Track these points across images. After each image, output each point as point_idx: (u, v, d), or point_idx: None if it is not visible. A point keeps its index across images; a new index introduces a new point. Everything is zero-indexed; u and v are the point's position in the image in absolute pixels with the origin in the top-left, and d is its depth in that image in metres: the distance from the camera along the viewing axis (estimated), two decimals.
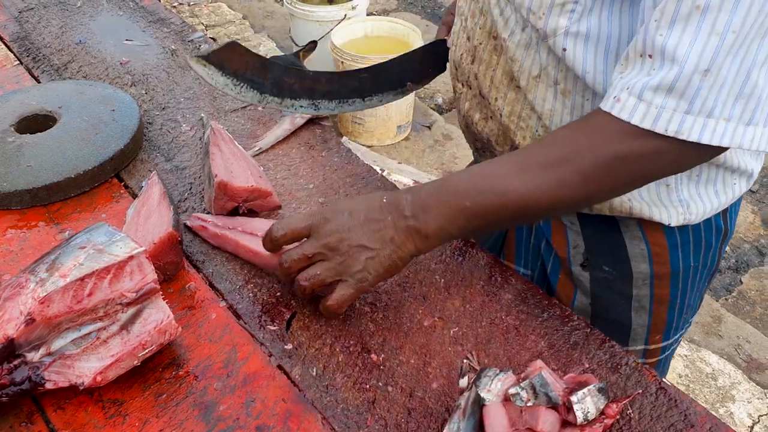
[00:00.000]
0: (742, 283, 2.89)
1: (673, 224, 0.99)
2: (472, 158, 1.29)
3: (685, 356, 2.34)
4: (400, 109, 3.35)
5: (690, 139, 0.78)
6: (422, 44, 1.16)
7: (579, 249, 1.04)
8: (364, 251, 0.85)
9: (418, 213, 0.86)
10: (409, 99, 3.39)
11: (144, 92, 1.41)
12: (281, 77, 1.04)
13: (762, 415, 2.19)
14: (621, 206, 0.98)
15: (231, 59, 1.00)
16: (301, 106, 1.04)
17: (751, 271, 2.92)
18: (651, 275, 1.03)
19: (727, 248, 3.01)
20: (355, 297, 0.87)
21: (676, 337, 1.12)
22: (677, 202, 0.98)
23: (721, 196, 1.00)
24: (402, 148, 3.42)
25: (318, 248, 0.86)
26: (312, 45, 1.29)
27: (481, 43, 0.98)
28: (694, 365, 2.31)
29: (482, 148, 1.12)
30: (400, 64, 1.12)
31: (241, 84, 1.01)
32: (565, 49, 0.87)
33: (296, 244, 0.89)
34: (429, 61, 1.14)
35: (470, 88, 1.04)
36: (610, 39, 0.86)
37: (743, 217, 3.16)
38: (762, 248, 3.02)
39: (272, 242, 0.89)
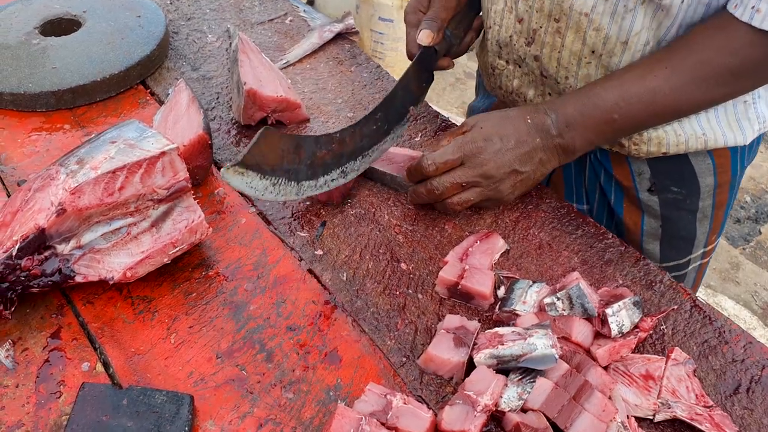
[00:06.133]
0: (761, 233, 2.86)
1: (747, 143, 0.99)
2: None
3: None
4: None
5: None
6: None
7: (645, 175, 1.03)
8: (515, 175, 0.91)
9: (565, 131, 0.91)
10: None
11: (169, 2, 1.37)
12: (314, 152, 0.89)
13: None
14: (697, 143, 0.97)
15: (267, 153, 0.83)
16: (333, 180, 0.92)
17: None
18: (714, 185, 1.03)
19: (748, 199, 2.97)
20: (493, 208, 0.96)
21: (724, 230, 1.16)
22: (754, 118, 0.97)
23: None
24: None
25: (474, 177, 0.90)
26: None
27: (541, 27, 0.95)
28: None
29: None
30: (402, 91, 1.01)
31: (279, 181, 0.86)
32: (683, 0, 0.84)
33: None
34: (423, 76, 1.05)
35: (520, 67, 1.02)
36: None
37: (766, 168, 3.10)
38: None
39: (421, 175, 0.91)
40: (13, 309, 0.78)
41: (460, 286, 0.83)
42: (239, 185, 0.82)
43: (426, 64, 1.04)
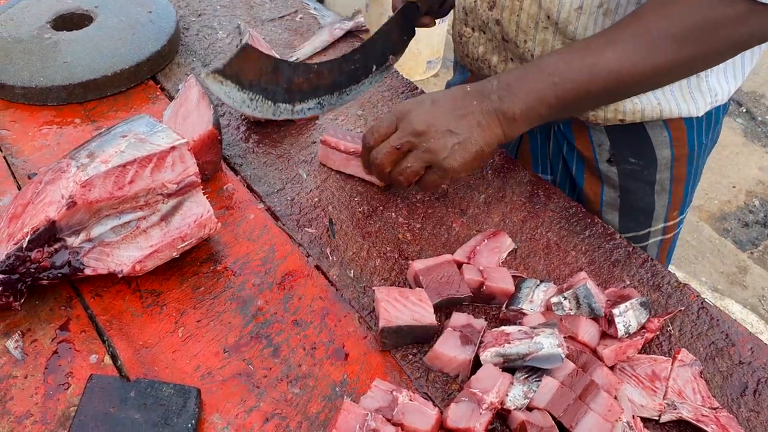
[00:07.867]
0: None
1: (701, 114, 1.00)
2: None
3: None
4: (431, 43, 3.28)
5: None
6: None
7: (604, 146, 1.05)
8: (450, 136, 0.85)
9: (504, 95, 0.85)
10: (441, 33, 3.32)
11: None
12: (291, 77, 1.00)
13: None
14: (652, 112, 0.98)
15: (246, 68, 0.94)
16: (309, 109, 1.02)
17: None
18: (672, 158, 1.04)
19: (756, 202, 2.96)
20: (443, 182, 0.87)
21: (687, 209, 1.17)
22: (706, 91, 0.98)
23: (738, 76, 1.01)
24: (431, 84, 3.36)
25: (405, 137, 0.86)
26: None
27: None
28: None
29: None
30: (382, 38, 1.10)
31: (257, 98, 0.96)
32: None
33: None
34: (404, 29, 1.12)
35: (484, 33, 1.04)
36: None
37: None
38: None
39: (368, 150, 0.89)
40: (22, 300, 0.78)
41: (484, 287, 0.82)
42: (219, 93, 0.91)
43: (408, 18, 1.11)
